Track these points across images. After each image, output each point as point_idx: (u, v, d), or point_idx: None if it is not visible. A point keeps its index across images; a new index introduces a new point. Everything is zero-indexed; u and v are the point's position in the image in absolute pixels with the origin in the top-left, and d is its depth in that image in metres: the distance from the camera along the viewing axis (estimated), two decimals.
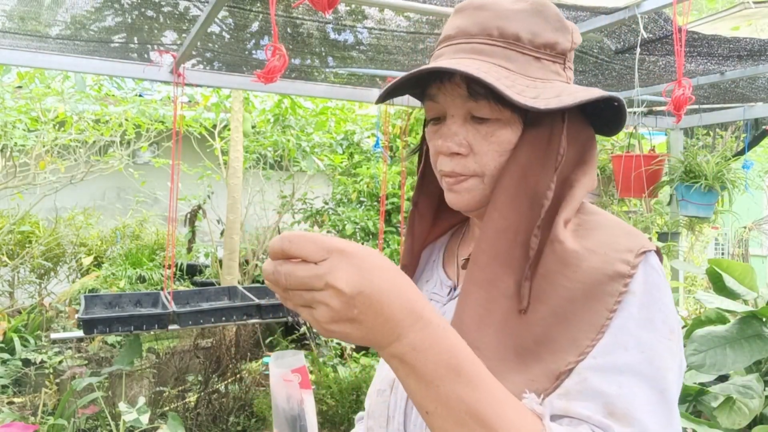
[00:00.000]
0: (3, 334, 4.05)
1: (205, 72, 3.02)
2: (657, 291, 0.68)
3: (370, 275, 0.54)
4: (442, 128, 0.78)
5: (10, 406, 3.66)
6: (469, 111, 0.75)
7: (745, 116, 3.48)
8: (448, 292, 0.86)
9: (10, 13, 2.23)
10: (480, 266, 0.73)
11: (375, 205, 5.02)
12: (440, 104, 0.78)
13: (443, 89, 0.76)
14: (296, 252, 0.53)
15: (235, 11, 2.25)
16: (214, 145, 5.06)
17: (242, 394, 3.68)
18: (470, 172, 0.77)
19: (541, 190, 0.73)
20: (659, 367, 0.64)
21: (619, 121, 0.79)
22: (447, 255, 0.93)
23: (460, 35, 0.77)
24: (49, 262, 5.10)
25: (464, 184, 0.78)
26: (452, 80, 0.75)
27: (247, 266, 5.06)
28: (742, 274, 2.79)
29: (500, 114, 0.75)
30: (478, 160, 0.76)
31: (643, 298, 0.67)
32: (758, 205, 7.46)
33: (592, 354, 0.64)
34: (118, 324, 2.61)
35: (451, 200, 0.80)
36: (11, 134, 4.43)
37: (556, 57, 0.77)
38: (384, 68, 3.04)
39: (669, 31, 2.29)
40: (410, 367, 0.56)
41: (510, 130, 0.76)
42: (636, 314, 0.66)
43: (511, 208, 0.73)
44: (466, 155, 0.76)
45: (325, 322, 0.54)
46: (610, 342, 0.65)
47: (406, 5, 2.01)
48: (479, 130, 0.76)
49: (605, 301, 0.66)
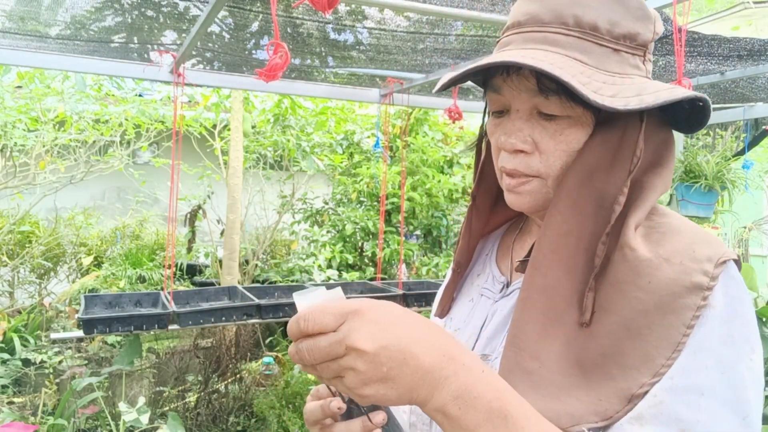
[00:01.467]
0: (3, 334, 4.05)
1: (205, 72, 3.02)
2: (739, 305, 0.63)
3: (391, 328, 0.52)
4: (506, 123, 0.73)
5: (10, 406, 3.66)
6: (536, 106, 0.70)
7: (745, 116, 3.48)
8: (500, 289, 0.82)
9: (10, 13, 2.23)
10: (541, 272, 0.68)
11: (375, 205, 5.01)
12: (504, 97, 0.72)
13: (509, 82, 0.70)
14: (312, 328, 0.52)
15: (235, 11, 2.25)
16: (214, 145, 5.06)
17: (242, 394, 3.68)
18: (534, 172, 0.71)
19: (611, 193, 0.67)
20: (741, 389, 0.59)
21: (702, 119, 0.72)
22: (501, 249, 0.88)
23: (530, 22, 0.70)
24: (49, 262, 5.10)
25: (526, 187, 0.72)
26: (520, 72, 0.69)
27: (247, 266, 5.06)
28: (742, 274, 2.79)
29: (571, 111, 0.68)
30: (544, 160, 0.71)
31: (724, 313, 0.61)
32: (758, 205, 7.45)
33: (669, 374, 0.59)
34: (118, 324, 2.61)
35: (511, 201, 0.75)
36: (11, 134, 4.43)
37: (636, 49, 0.70)
38: (384, 68, 3.04)
39: (669, 31, 2.29)
40: (455, 419, 0.53)
41: (580, 128, 0.69)
42: (716, 331, 0.61)
43: (574, 211, 0.68)
44: (530, 153, 0.71)
45: (357, 387, 0.52)
46: (689, 361, 0.60)
47: (406, 5, 2.01)
48: (546, 128, 0.70)
49: (682, 316, 0.60)
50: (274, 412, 3.35)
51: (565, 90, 0.66)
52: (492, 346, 0.76)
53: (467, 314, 0.84)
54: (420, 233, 5.24)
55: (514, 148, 0.71)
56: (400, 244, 4.40)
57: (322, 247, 5.13)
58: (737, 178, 3.07)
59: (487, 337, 0.78)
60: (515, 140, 0.71)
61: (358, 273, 4.92)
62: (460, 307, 0.87)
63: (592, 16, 0.68)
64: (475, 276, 0.88)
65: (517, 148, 0.71)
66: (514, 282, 0.80)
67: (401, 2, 1.99)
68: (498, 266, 0.86)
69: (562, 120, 0.69)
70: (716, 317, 0.61)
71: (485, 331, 0.78)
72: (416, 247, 4.98)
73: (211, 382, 3.69)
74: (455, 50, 2.69)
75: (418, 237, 5.28)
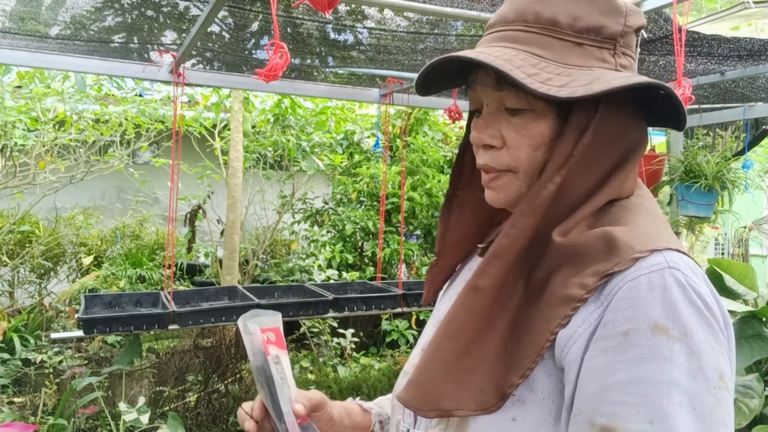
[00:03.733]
0: (3, 333, 4.05)
1: (205, 72, 3.02)
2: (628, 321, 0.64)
3: None
4: (478, 120, 0.75)
5: (10, 406, 3.66)
6: (501, 101, 0.72)
7: (745, 116, 3.48)
8: None
9: (10, 13, 2.23)
10: (488, 266, 0.70)
11: (375, 205, 5.02)
12: (477, 93, 0.75)
13: (477, 79, 0.74)
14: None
15: (235, 11, 2.25)
16: (214, 145, 5.06)
17: (242, 394, 3.67)
18: (504, 166, 0.73)
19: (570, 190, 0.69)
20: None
21: (675, 113, 0.71)
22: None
23: (499, 23, 0.74)
24: (49, 262, 5.10)
25: (499, 181, 0.75)
26: (485, 69, 0.72)
27: (247, 266, 5.06)
28: (742, 274, 2.80)
29: (532, 105, 0.70)
30: (512, 154, 0.72)
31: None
32: (758, 205, 7.46)
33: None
34: (118, 324, 2.61)
35: (488, 197, 0.77)
36: (11, 134, 4.43)
37: (602, 42, 0.71)
38: (384, 68, 3.04)
39: (669, 31, 2.29)
40: None
41: (543, 122, 0.71)
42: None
43: (526, 209, 0.69)
44: (499, 148, 0.73)
45: None
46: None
47: (406, 5, 2.01)
48: (512, 122, 0.72)
49: (550, 323, 0.65)
50: None
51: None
52: None
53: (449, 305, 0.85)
54: (420, 233, 5.24)
55: (482, 143, 0.74)
56: (400, 244, 4.41)
57: (322, 247, 5.13)
58: (737, 178, 3.07)
59: None
60: (484, 135, 0.73)
61: (358, 273, 4.92)
62: (445, 300, 0.88)
63: (552, 12, 0.70)
64: (467, 270, 0.89)
65: (485, 142, 0.73)
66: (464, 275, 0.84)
67: (401, 2, 1.99)
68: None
69: (526, 114, 0.71)
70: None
71: None
72: (416, 247, 4.98)
73: (211, 382, 3.69)
74: (455, 50, 2.69)
75: (418, 237, 5.28)
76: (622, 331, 0.61)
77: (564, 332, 0.65)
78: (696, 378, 0.59)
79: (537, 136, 0.71)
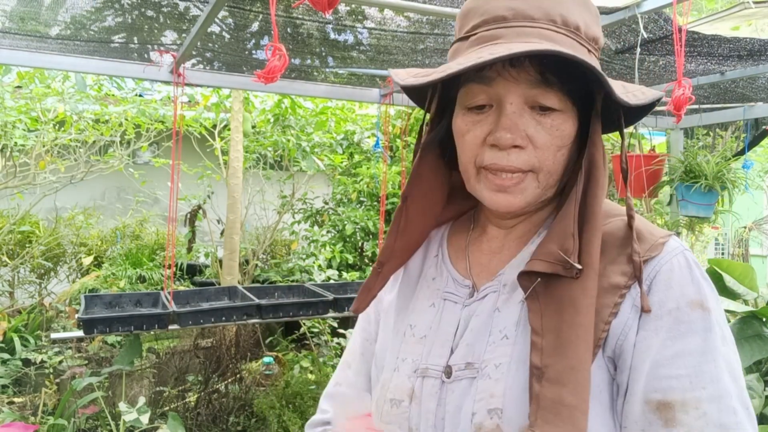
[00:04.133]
0: (3, 334, 4.05)
1: (205, 72, 3.02)
2: None
3: None
4: (495, 117, 0.71)
5: (10, 406, 3.66)
6: (534, 99, 0.69)
7: (745, 116, 3.48)
8: (469, 293, 0.79)
9: (10, 13, 2.23)
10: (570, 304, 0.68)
11: (375, 205, 5.01)
12: (495, 89, 0.70)
13: (505, 74, 0.69)
14: None
15: (235, 11, 2.25)
16: (214, 145, 5.06)
17: (242, 394, 3.67)
18: (528, 167, 0.70)
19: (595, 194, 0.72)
20: (739, 379, 0.69)
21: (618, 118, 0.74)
22: (452, 250, 0.86)
23: (518, 17, 0.70)
24: (49, 262, 5.10)
25: (521, 185, 0.71)
26: (520, 64, 0.69)
27: (247, 266, 5.06)
28: (742, 274, 2.80)
29: (565, 105, 0.70)
30: (539, 155, 0.70)
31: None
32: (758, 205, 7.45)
33: (700, 384, 0.66)
34: (118, 324, 2.61)
35: (499, 202, 0.72)
36: (11, 134, 4.43)
37: (597, 51, 0.74)
38: (384, 68, 3.04)
39: (669, 31, 2.29)
40: None
41: (570, 124, 0.71)
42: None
43: (599, 212, 0.72)
44: (524, 148, 0.70)
45: None
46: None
47: (406, 5, 2.01)
48: (541, 122, 0.70)
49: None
50: (274, 412, 3.35)
51: (565, 83, 0.69)
52: (476, 353, 0.74)
53: (432, 320, 0.80)
54: None
55: (513, 143, 0.69)
56: None
57: (322, 247, 5.13)
58: (737, 178, 3.07)
59: (467, 344, 0.75)
60: (515, 135, 0.69)
61: (358, 273, 4.92)
62: (420, 314, 0.82)
63: (574, 17, 0.71)
64: (429, 279, 0.85)
65: (517, 143, 0.69)
66: (483, 286, 0.78)
67: (401, 2, 1.99)
68: (455, 269, 0.83)
69: (559, 114, 0.70)
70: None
71: (464, 339, 0.76)
72: None
73: (211, 382, 3.69)
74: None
75: None
76: (667, 310, 0.67)
77: (617, 321, 0.67)
78: (726, 343, 0.67)
79: (566, 137, 0.71)
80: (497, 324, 0.74)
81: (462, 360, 0.74)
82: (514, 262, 0.78)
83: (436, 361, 0.76)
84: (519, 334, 0.71)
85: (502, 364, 0.70)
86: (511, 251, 0.80)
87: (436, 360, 0.76)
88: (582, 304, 0.66)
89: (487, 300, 0.77)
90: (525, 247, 0.78)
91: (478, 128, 0.72)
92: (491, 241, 0.82)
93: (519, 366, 0.69)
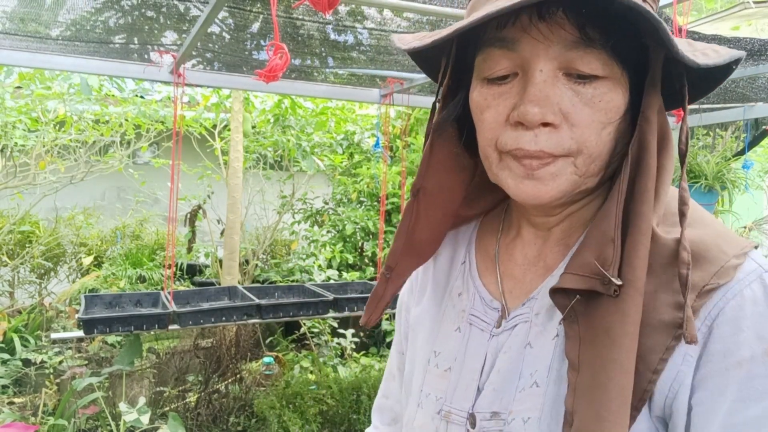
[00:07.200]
0: (3, 334, 4.05)
1: (205, 72, 3.02)
2: None
3: None
4: (520, 87, 0.56)
5: (11, 406, 3.66)
6: (570, 63, 0.54)
7: (745, 116, 3.48)
8: (496, 319, 0.66)
9: (11, 14, 2.23)
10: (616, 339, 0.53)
11: (375, 205, 5.01)
12: (519, 53, 0.55)
13: (532, 30, 0.54)
14: None
15: (235, 12, 2.25)
16: (214, 145, 5.06)
17: (242, 394, 3.67)
18: (563, 151, 0.55)
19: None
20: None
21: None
22: (480, 257, 0.72)
23: None
24: (49, 262, 5.10)
25: (549, 168, 0.56)
26: (552, 17, 0.53)
27: (247, 266, 5.06)
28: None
29: (612, 70, 0.54)
30: (577, 135, 0.55)
31: None
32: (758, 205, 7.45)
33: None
34: (118, 324, 2.61)
35: (526, 191, 0.57)
36: (11, 134, 4.43)
37: (655, 2, 0.60)
38: (384, 68, 3.04)
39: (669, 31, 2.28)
40: None
41: (620, 94, 0.55)
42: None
43: (650, 210, 0.55)
44: (558, 127, 0.55)
45: None
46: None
47: (406, 5, 2.01)
48: (579, 93, 0.54)
49: None
50: (274, 412, 3.35)
51: (610, 42, 0.53)
52: (504, 401, 0.62)
53: (457, 349, 0.68)
54: None
55: (542, 119, 0.54)
56: None
57: (322, 247, 5.13)
58: (737, 178, 3.07)
59: (493, 389, 0.63)
60: (546, 110, 0.54)
61: (358, 273, 4.92)
62: (445, 340, 0.70)
63: None
64: (455, 296, 0.71)
65: (547, 120, 0.54)
66: (514, 310, 0.65)
67: (401, 2, 1.99)
68: (483, 283, 0.69)
69: (603, 82, 0.54)
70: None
71: (490, 380, 0.64)
72: None
73: (211, 382, 3.69)
74: None
75: None
76: (735, 362, 0.51)
77: (665, 373, 0.52)
78: None
79: (612, 110, 0.55)
80: (528, 365, 0.61)
81: (488, 408, 0.63)
82: (549, 280, 0.63)
83: (460, 404, 0.66)
84: (551, 380, 0.58)
85: (531, 420, 0.58)
86: (549, 262, 0.65)
87: (461, 403, 0.66)
88: (618, 334, 0.51)
89: (517, 331, 0.63)
90: (565, 259, 0.64)
91: (500, 103, 0.57)
92: (526, 247, 0.68)
93: (551, 421, 0.57)
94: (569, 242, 0.64)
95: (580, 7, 0.52)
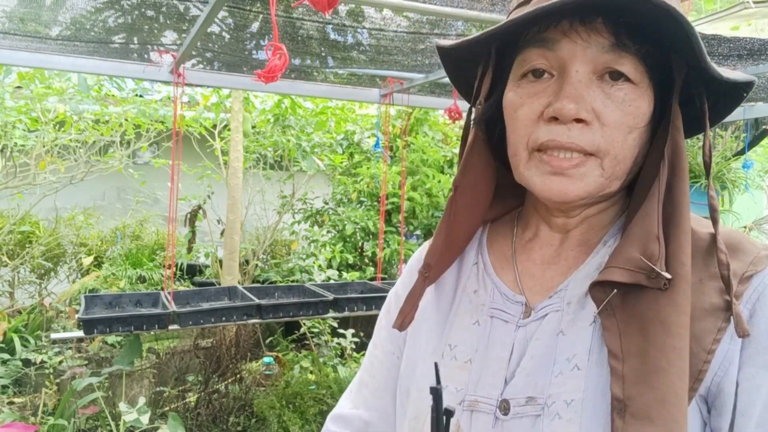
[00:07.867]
0: (3, 334, 4.05)
1: (205, 72, 3.02)
2: None
3: None
4: (556, 87, 0.60)
5: (10, 406, 3.66)
6: (605, 66, 0.58)
7: (745, 116, 3.48)
8: (524, 312, 0.68)
9: (10, 14, 2.23)
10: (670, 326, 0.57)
11: (375, 205, 5.01)
12: (557, 54, 0.59)
13: (572, 34, 0.58)
14: None
15: (235, 11, 2.25)
16: (214, 145, 5.06)
17: (242, 394, 3.67)
18: (594, 147, 0.59)
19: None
20: None
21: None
22: (494, 257, 0.74)
23: None
24: (49, 262, 5.10)
25: (581, 169, 0.59)
26: (592, 23, 0.57)
27: (247, 266, 5.06)
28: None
29: (642, 77, 0.59)
30: (606, 134, 0.59)
31: None
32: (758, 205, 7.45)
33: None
34: (118, 324, 2.61)
35: (552, 187, 0.60)
36: (11, 134, 4.43)
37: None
38: (384, 68, 3.04)
39: None
40: None
41: (648, 101, 0.60)
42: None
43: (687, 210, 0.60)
44: (590, 124, 0.58)
45: None
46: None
47: (406, 5, 2.01)
48: (611, 95, 0.59)
49: None
50: (274, 412, 3.35)
51: (642, 50, 0.58)
52: (539, 386, 0.62)
53: (478, 341, 0.68)
54: (420, 233, 5.24)
55: (577, 115, 0.58)
56: (400, 244, 4.40)
57: (322, 247, 5.13)
58: (737, 178, 3.07)
59: (526, 374, 0.63)
60: (579, 107, 0.58)
61: (358, 273, 4.92)
62: (462, 333, 0.70)
63: None
64: (470, 292, 0.73)
65: (581, 116, 0.58)
66: (539, 303, 0.67)
67: (401, 2, 1.99)
68: (501, 280, 0.71)
69: (631, 87, 0.59)
70: None
71: (522, 366, 0.64)
72: (416, 247, 4.97)
73: (211, 382, 3.69)
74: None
75: (418, 237, 5.28)
76: None
77: (716, 353, 0.56)
78: None
79: (640, 116, 0.59)
80: (563, 350, 0.62)
81: (522, 393, 0.62)
82: (577, 274, 0.66)
83: (487, 392, 0.64)
84: (593, 363, 0.60)
85: (575, 401, 0.59)
86: (570, 262, 0.68)
87: (488, 391, 0.64)
88: (673, 323, 0.54)
89: (548, 320, 0.65)
90: (589, 258, 0.66)
91: (535, 101, 0.61)
92: (544, 248, 0.70)
93: (596, 403, 0.58)
94: (590, 243, 0.68)
95: (618, 16, 0.57)
